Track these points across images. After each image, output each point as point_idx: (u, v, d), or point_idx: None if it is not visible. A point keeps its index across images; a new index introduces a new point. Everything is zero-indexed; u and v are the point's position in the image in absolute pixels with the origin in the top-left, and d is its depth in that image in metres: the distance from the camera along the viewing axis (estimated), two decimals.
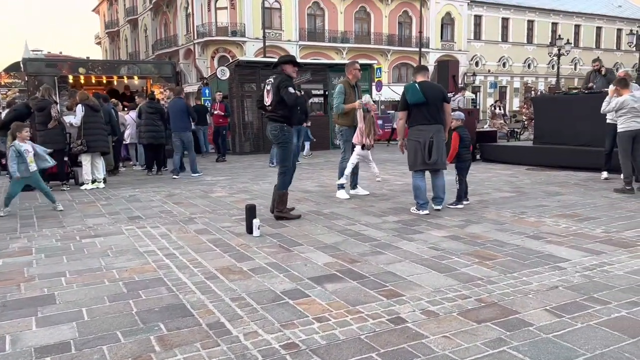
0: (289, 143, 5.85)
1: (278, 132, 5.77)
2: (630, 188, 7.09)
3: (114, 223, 5.86)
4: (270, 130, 5.86)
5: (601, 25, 46.84)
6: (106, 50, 56.47)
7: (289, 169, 5.92)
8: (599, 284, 3.51)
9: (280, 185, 5.85)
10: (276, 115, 5.76)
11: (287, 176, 5.88)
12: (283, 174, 5.86)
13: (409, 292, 3.42)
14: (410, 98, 5.85)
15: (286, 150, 5.84)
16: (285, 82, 5.65)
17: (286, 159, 5.87)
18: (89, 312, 3.18)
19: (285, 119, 5.76)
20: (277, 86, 5.66)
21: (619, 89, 7.33)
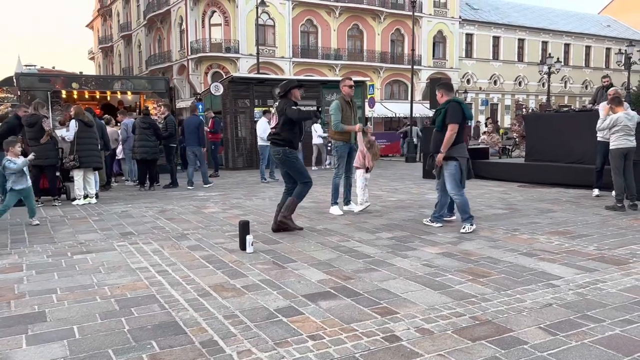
0: (296, 161, 6.03)
1: (281, 155, 5.94)
2: (621, 205, 7.15)
3: (106, 239, 5.82)
4: (274, 155, 6.06)
5: (590, 44, 47.54)
6: (99, 66, 56.53)
7: (310, 181, 6.08)
8: (593, 301, 3.51)
9: (297, 193, 6.00)
10: (279, 139, 5.93)
11: (308, 187, 6.05)
12: (305, 184, 6.03)
13: (403, 309, 3.41)
14: (468, 113, 6.06)
15: (297, 169, 6.00)
16: (285, 106, 5.88)
17: (302, 175, 6.02)
18: (80, 330, 3.14)
19: (287, 142, 5.92)
20: (281, 108, 5.90)
21: (613, 107, 7.44)
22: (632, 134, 7.27)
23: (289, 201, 5.99)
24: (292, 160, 5.99)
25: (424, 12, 38.16)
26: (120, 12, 47.49)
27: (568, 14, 50.39)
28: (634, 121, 7.35)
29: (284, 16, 34.08)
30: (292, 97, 6.00)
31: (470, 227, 5.85)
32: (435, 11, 39.27)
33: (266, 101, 16.97)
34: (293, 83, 6.20)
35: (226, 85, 16.18)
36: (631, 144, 7.27)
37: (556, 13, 49.11)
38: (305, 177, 6.03)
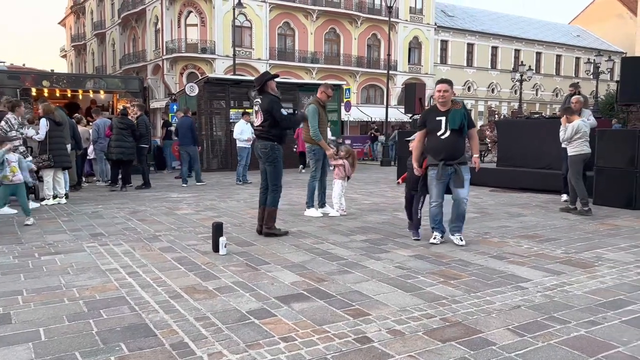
0: (280, 161, 5.92)
1: (269, 150, 5.84)
2: (587, 210, 7.34)
3: (75, 240, 5.70)
4: (261, 148, 5.91)
5: (561, 53, 48.69)
6: (72, 64, 55.43)
7: (281, 186, 5.99)
8: (559, 303, 3.60)
9: (271, 202, 5.90)
10: (269, 134, 5.84)
11: (278, 194, 5.95)
12: (275, 191, 5.92)
13: (375, 311, 3.43)
14: None
15: (277, 169, 5.90)
16: (275, 105, 5.76)
17: (278, 177, 5.93)
18: (46, 332, 3.07)
19: (276, 138, 5.86)
20: (267, 109, 5.76)
21: (568, 117, 7.64)
22: (589, 140, 7.51)
23: (267, 213, 5.90)
24: (277, 157, 5.88)
25: (400, 17, 38.53)
26: (94, 10, 46.68)
27: (540, 23, 51.51)
28: (589, 127, 7.60)
29: (261, 18, 33.99)
30: (269, 90, 5.88)
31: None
32: (411, 17, 39.71)
33: (242, 102, 16.89)
34: (267, 75, 6.08)
35: (202, 86, 16.04)
36: (589, 150, 7.50)
37: (528, 22, 50.16)
38: (278, 181, 5.94)
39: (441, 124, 5.25)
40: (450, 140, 5.23)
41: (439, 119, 5.27)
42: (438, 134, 5.27)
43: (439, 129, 5.26)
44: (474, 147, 5.56)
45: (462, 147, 5.37)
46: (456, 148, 5.28)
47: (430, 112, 5.48)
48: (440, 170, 5.26)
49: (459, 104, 5.36)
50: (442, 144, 5.26)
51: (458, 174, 5.26)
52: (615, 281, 4.12)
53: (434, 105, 5.46)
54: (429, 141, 5.40)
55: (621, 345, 2.90)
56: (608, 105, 33.49)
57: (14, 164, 6.85)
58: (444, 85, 5.29)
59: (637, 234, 6.03)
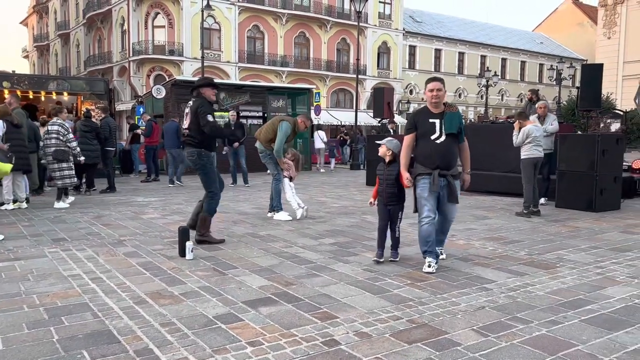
0: (210, 166, 5.64)
1: (196, 157, 5.55)
2: (527, 212, 7.58)
3: (36, 245, 5.53)
4: (188, 156, 5.65)
5: (525, 59, 49.98)
6: (34, 65, 53.94)
7: (217, 193, 5.69)
8: (522, 304, 3.68)
9: (206, 209, 5.63)
10: (194, 140, 5.55)
11: (214, 200, 5.68)
12: (210, 198, 5.64)
13: (343, 314, 3.44)
14: None
15: (208, 175, 5.62)
16: (203, 108, 5.46)
17: (211, 184, 5.63)
18: (4, 340, 2.97)
19: (203, 144, 5.55)
20: (195, 112, 5.47)
21: (520, 121, 7.86)
22: (541, 144, 7.75)
23: (200, 219, 5.61)
24: (206, 164, 5.59)
25: (369, 22, 38.89)
26: (58, 10, 45.55)
27: (505, 30, 52.78)
28: (541, 132, 7.86)
29: (230, 21, 33.78)
30: (204, 95, 5.60)
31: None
32: (380, 22, 40.12)
33: None
34: (205, 81, 5.83)
35: (169, 88, 15.84)
36: (540, 154, 7.74)
37: (494, 29, 51.33)
38: (213, 187, 5.64)
39: (435, 127, 4.55)
40: (446, 146, 4.54)
41: (432, 122, 4.57)
42: (432, 138, 4.55)
43: (432, 133, 4.55)
44: (466, 162, 4.88)
45: (456, 156, 4.74)
46: (452, 155, 4.64)
47: (421, 113, 4.74)
48: (436, 179, 4.50)
49: (454, 107, 4.82)
50: (436, 150, 4.54)
51: (452, 187, 4.60)
52: (576, 281, 4.24)
53: (424, 107, 4.76)
54: (420, 146, 4.64)
55: (581, 343, 2.99)
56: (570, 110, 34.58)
57: None
58: (437, 84, 4.60)
59: (596, 236, 6.22)
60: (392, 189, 4.80)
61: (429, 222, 4.53)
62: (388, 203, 4.83)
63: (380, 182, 4.89)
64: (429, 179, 4.52)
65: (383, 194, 4.84)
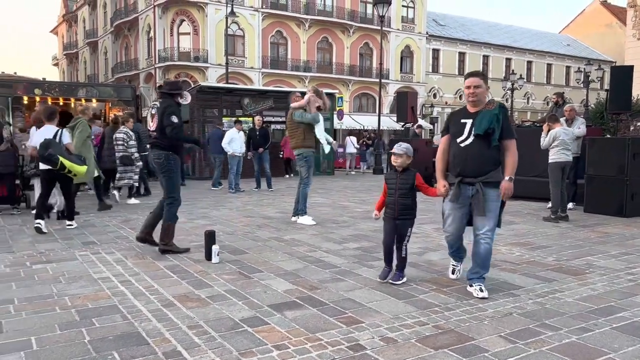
0: (175, 172, 5.46)
1: (163, 160, 5.34)
2: (555, 217, 7.44)
3: (67, 248, 5.67)
4: (154, 159, 5.43)
5: (551, 62, 49.21)
6: (64, 72, 55.27)
7: (177, 199, 5.49)
8: (551, 310, 3.62)
9: (167, 216, 5.40)
10: (161, 143, 5.37)
11: (174, 207, 5.46)
12: (171, 205, 5.42)
13: (368, 318, 3.44)
14: None
15: (172, 180, 5.42)
16: (170, 109, 5.32)
17: (174, 189, 5.44)
18: (38, 341, 3.05)
19: (171, 147, 5.38)
20: (162, 112, 5.33)
21: (550, 124, 7.74)
22: (569, 149, 7.61)
23: (163, 228, 5.37)
24: (172, 168, 5.39)
25: (392, 27, 38.81)
26: (87, 19, 46.66)
27: (530, 32, 52.08)
28: (570, 136, 7.71)
29: (254, 27, 34.10)
30: (177, 99, 5.50)
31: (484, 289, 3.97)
32: (403, 26, 40.00)
33: (234, 111, 16.95)
34: (182, 88, 5.73)
35: (194, 94, 16.04)
36: (568, 158, 7.61)
37: (519, 31, 50.70)
38: (174, 194, 5.42)
39: (464, 128, 4.00)
40: (472, 150, 3.94)
41: (463, 122, 4.03)
42: (458, 141, 4.03)
43: (460, 135, 4.02)
44: (507, 166, 4.06)
45: (492, 161, 3.98)
46: (481, 160, 3.94)
47: (457, 113, 4.23)
48: (456, 190, 3.99)
49: (493, 103, 4.09)
50: (461, 154, 4.00)
51: (480, 196, 3.92)
52: (606, 288, 4.16)
53: (464, 106, 4.21)
54: (450, 151, 4.16)
55: (612, 351, 2.93)
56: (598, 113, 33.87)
57: None
58: (474, 79, 4.00)
59: (627, 242, 6.08)
60: (406, 199, 4.22)
61: (448, 237, 4.27)
62: (399, 216, 4.22)
63: (390, 192, 4.28)
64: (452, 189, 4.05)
65: (394, 206, 4.23)
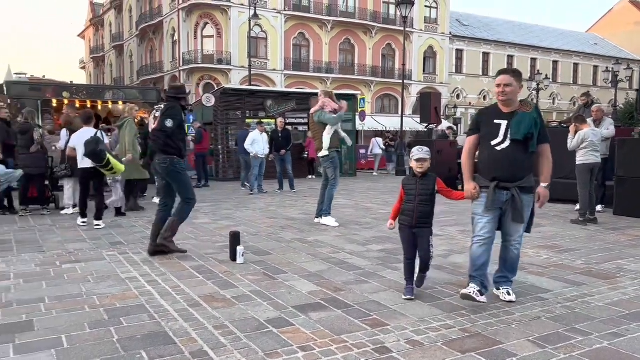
0: (184, 172, 5.40)
1: (168, 165, 5.26)
2: (583, 220, 7.28)
3: (95, 248, 5.77)
4: (159, 163, 5.31)
5: (578, 61, 48.30)
6: (90, 75, 56.38)
7: (194, 199, 5.43)
8: (580, 315, 3.55)
9: (179, 211, 5.36)
10: (166, 147, 5.26)
11: (190, 206, 5.41)
12: (187, 204, 5.37)
13: (393, 321, 3.42)
14: None
15: (183, 181, 5.35)
16: (170, 111, 5.22)
17: (188, 190, 5.38)
18: (68, 339, 3.11)
19: (175, 151, 5.29)
20: (162, 113, 5.23)
21: (577, 125, 7.58)
22: (597, 150, 7.45)
23: (170, 221, 5.27)
24: (179, 171, 5.31)
25: (415, 27, 38.59)
26: (113, 23, 47.53)
27: (556, 31, 51.22)
28: (598, 137, 7.54)
29: (277, 29, 34.29)
30: (184, 103, 5.47)
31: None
32: (426, 27, 39.74)
33: (257, 112, 17.06)
34: (186, 92, 5.71)
35: (218, 96, 16.21)
36: (597, 160, 7.45)
37: (545, 31, 49.91)
38: (190, 194, 5.37)
39: (499, 130, 3.74)
40: (509, 154, 3.70)
41: (497, 123, 3.77)
42: (492, 144, 3.76)
43: (494, 137, 3.76)
44: (543, 172, 3.93)
45: (528, 166, 3.81)
46: (517, 165, 3.73)
47: (488, 112, 3.95)
48: (492, 195, 3.73)
49: (530, 105, 3.89)
50: (496, 158, 3.75)
51: (517, 202, 3.72)
52: (638, 292, 4.06)
53: (494, 104, 3.96)
54: (480, 152, 3.91)
55: None
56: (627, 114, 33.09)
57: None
58: (505, 77, 3.79)
59: None
60: (426, 207, 3.91)
61: (479, 243, 3.79)
62: (417, 224, 3.92)
63: (408, 199, 3.98)
64: (487, 193, 3.76)
65: (412, 213, 3.92)
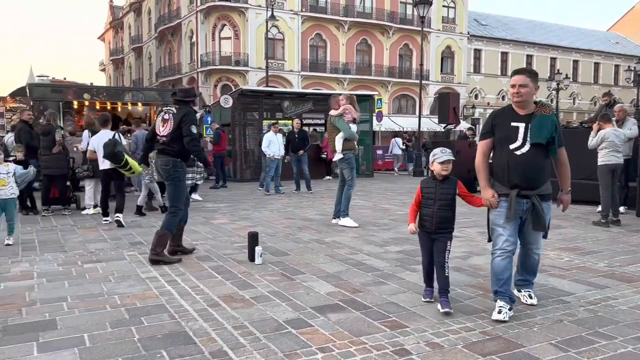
0: (182, 181, 5.32)
1: (171, 167, 5.17)
2: (605, 221, 7.15)
3: (115, 248, 5.85)
4: (162, 165, 5.21)
5: (599, 61, 47.51)
6: (110, 77, 57.12)
7: (181, 209, 5.29)
8: (604, 318, 3.49)
9: (166, 224, 5.19)
10: (172, 150, 5.17)
11: (176, 218, 5.25)
12: (173, 214, 5.21)
13: (412, 323, 3.40)
14: None
15: (178, 188, 5.27)
16: (189, 117, 5.16)
17: (179, 199, 5.26)
18: (90, 338, 3.15)
19: (180, 155, 5.22)
20: (179, 120, 5.12)
21: (601, 124, 7.45)
22: (619, 150, 7.30)
23: (158, 236, 5.12)
24: (179, 177, 5.24)
25: (433, 27, 38.34)
26: (132, 25, 48.08)
27: (577, 30, 50.46)
28: (620, 137, 7.38)
29: (293, 30, 34.36)
30: (193, 105, 5.40)
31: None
32: (444, 27, 39.46)
33: (274, 114, 17.11)
34: (197, 93, 5.65)
35: (235, 97, 16.30)
36: (618, 160, 7.30)
37: (565, 30, 49.20)
38: (177, 204, 5.23)
39: (517, 133, 3.52)
40: (529, 159, 3.48)
41: (515, 125, 3.54)
42: (511, 148, 3.52)
43: (512, 140, 3.52)
44: (564, 177, 3.75)
45: (548, 172, 3.61)
46: (538, 171, 3.53)
47: (503, 114, 3.70)
48: (513, 204, 3.52)
49: (548, 107, 3.67)
50: (515, 164, 3.50)
51: (538, 212, 3.51)
52: None
53: (508, 105, 3.72)
54: (496, 157, 3.67)
55: None
56: None
57: (3, 176, 6.04)
58: (520, 77, 3.54)
59: None
60: (446, 212, 3.71)
61: (502, 256, 3.56)
62: (437, 230, 3.72)
63: (427, 203, 3.75)
64: (506, 202, 3.54)
65: (431, 219, 3.72)
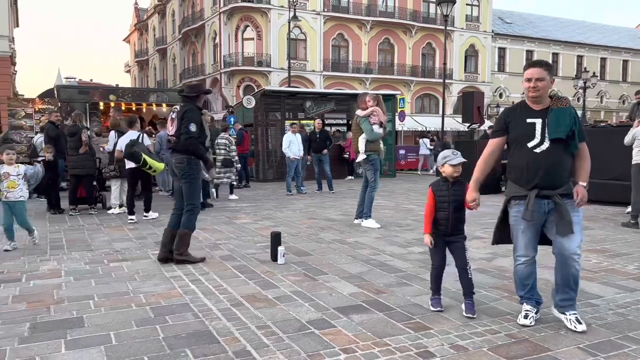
0: (197, 178, 5.28)
1: (185, 165, 5.13)
2: (635, 222, 6.95)
3: (140, 247, 5.93)
4: (175, 163, 5.18)
5: (628, 58, 46.42)
6: (135, 78, 58.02)
7: (198, 207, 5.30)
8: (634, 322, 3.40)
9: (186, 222, 5.17)
10: (183, 147, 5.15)
11: (194, 215, 5.23)
12: (191, 212, 5.18)
13: (436, 325, 3.37)
14: None
15: (194, 186, 5.23)
16: (189, 114, 5.10)
17: (195, 196, 5.25)
18: (116, 336, 3.20)
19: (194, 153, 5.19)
20: (180, 117, 5.12)
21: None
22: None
23: (180, 236, 5.12)
24: (194, 174, 5.19)
25: (456, 26, 37.97)
26: (156, 27, 48.75)
27: (604, 27, 49.37)
28: None
29: (316, 30, 34.39)
30: (199, 103, 5.32)
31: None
32: (467, 25, 39.04)
33: (297, 114, 17.15)
34: (204, 89, 5.54)
35: (258, 98, 16.39)
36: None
37: (592, 27, 48.19)
38: (194, 202, 5.22)
39: (535, 130, 3.27)
40: (550, 156, 3.24)
41: (531, 122, 3.29)
42: (529, 146, 3.28)
43: (530, 138, 3.28)
44: (582, 172, 3.38)
45: (569, 169, 3.35)
46: (559, 170, 3.27)
47: (516, 110, 3.43)
48: (533, 206, 3.26)
49: (565, 100, 3.37)
50: (534, 162, 3.26)
51: (562, 212, 3.22)
52: None
53: (521, 101, 3.48)
54: (513, 157, 3.40)
55: None
56: None
57: (14, 178, 5.84)
58: (535, 70, 3.27)
59: None
60: (460, 213, 3.61)
61: (525, 263, 3.39)
62: (452, 232, 3.60)
63: (442, 207, 3.61)
64: (524, 205, 3.29)
65: (447, 222, 3.58)
